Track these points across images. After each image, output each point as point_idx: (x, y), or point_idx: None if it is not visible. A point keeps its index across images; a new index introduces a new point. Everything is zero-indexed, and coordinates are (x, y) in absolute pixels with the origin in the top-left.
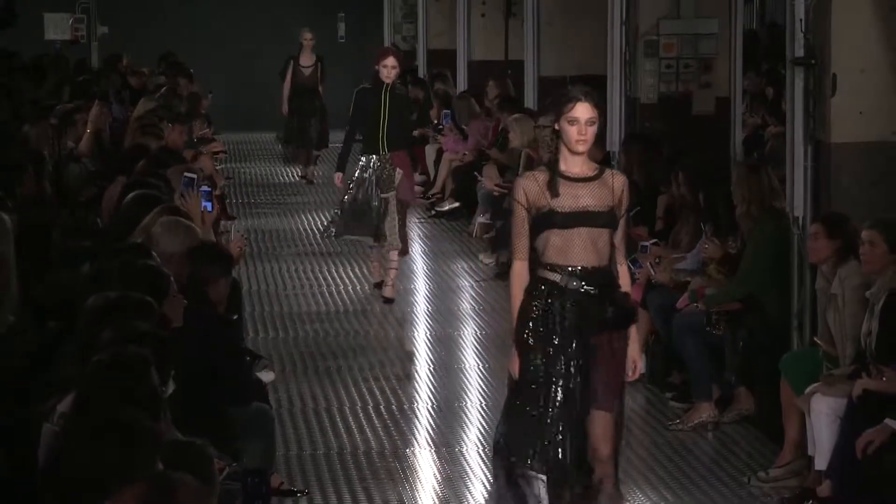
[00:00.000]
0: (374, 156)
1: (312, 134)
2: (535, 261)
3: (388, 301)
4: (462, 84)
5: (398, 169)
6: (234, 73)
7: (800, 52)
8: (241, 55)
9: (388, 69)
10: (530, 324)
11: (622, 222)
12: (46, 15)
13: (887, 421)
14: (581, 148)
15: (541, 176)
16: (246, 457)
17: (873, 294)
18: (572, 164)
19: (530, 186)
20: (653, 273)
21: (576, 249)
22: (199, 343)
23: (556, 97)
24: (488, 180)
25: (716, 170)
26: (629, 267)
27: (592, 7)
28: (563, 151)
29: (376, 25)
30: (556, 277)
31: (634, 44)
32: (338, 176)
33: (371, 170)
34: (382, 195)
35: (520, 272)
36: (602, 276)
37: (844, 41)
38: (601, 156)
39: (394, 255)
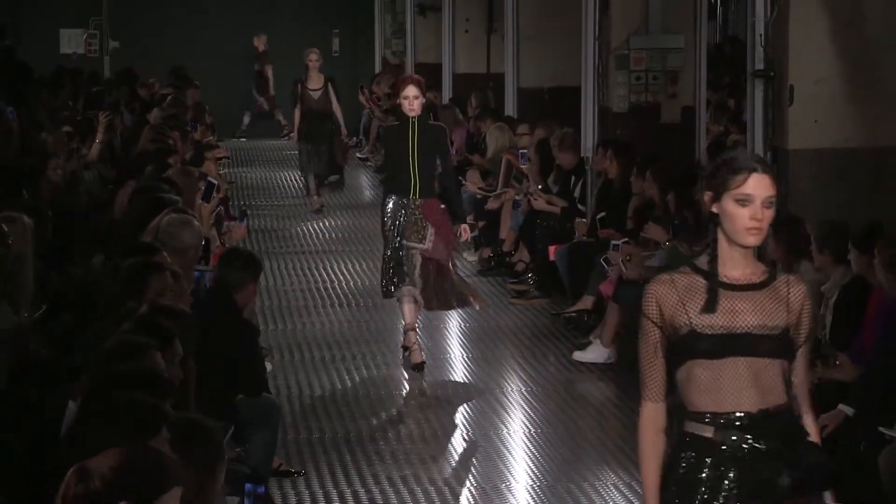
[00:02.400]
0: (405, 198)
1: (323, 161)
2: (677, 404)
3: (417, 368)
4: (447, 95)
5: (430, 223)
6: (236, 83)
7: (759, 65)
8: (242, 68)
9: (410, 100)
10: (676, 501)
11: (803, 353)
12: (62, 30)
13: (841, 406)
14: (752, 240)
15: (682, 280)
16: (252, 444)
17: (827, 289)
18: (732, 265)
19: (666, 296)
20: (624, 270)
21: (731, 388)
22: (221, 342)
23: (715, 166)
24: (471, 184)
25: (681, 174)
26: (810, 412)
27: (567, 23)
28: (721, 243)
29: (368, 41)
30: (707, 432)
31: (606, 57)
32: (382, 230)
33: (397, 213)
34: (407, 243)
35: (652, 419)
36: (776, 423)
37: (801, 55)
38: (576, 160)
39: (409, 307)
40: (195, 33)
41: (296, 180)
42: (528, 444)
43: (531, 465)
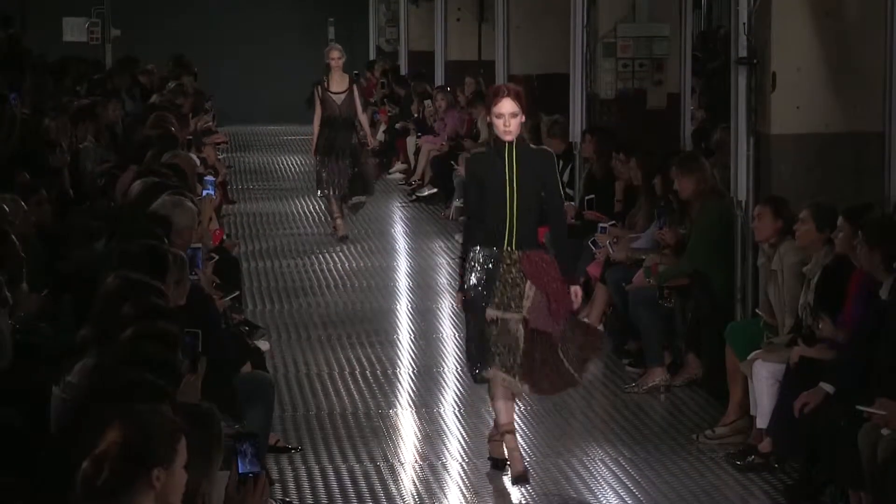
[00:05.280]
0: (497, 250)
1: (346, 178)
2: None
3: (521, 480)
4: (440, 82)
5: (531, 280)
6: (234, 71)
7: (743, 53)
8: (240, 55)
9: (506, 119)
10: None
11: None
12: (65, 19)
13: (821, 384)
14: None
15: None
16: (247, 420)
17: (809, 270)
18: None
19: None
20: (611, 252)
21: None
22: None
23: None
24: (463, 168)
25: (665, 159)
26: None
27: (556, 12)
28: None
29: (362, 29)
30: None
31: (594, 45)
32: (459, 297)
33: (487, 272)
34: (502, 315)
35: None
36: None
37: (783, 43)
38: (564, 146)
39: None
40: (195, 21)
41: (292, 164)
42: (519, 421)
43: (521, 441)
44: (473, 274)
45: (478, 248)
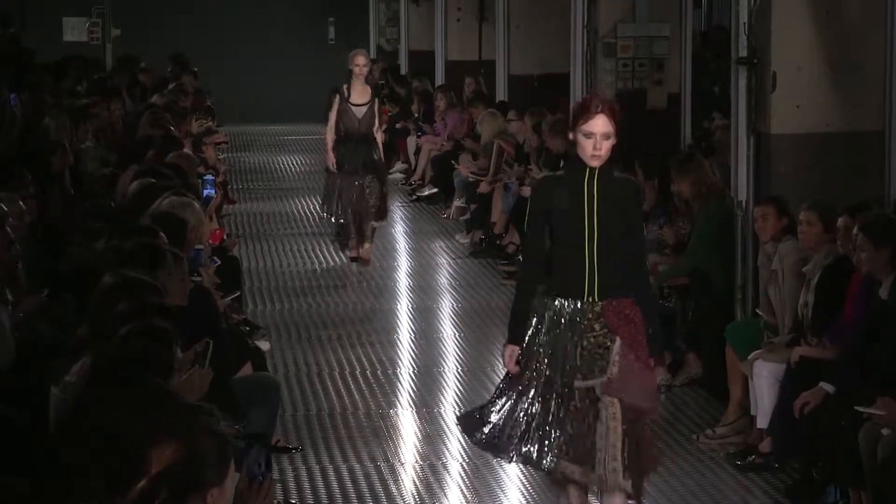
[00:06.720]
0: (574, 302)
1: (375, 199)
2: None
3: None
4: (440, 81)
5: (618, 338)
6: (234, 71)
7: (743, 52)
8: (241, 55)
9: (597, 140)
10: None
11: None
12: (65, 18)
13: (822, 384)
14: None
15: None
16: (252, 421)
17: (810, 270)
18: None
19: None
20: None
21: None
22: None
23: None
24: (464, 168)
25: (666, 158)
26: None
27: (557, 12)
28: None
29: (363, 28)
30: None
31: (594, 45)
32: (511, 352)
33: (559, 330)
34: (582, 383)
35: None
36: None
37: (783, 42)
38: (566, 146)
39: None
40: (195, 21)
41: (292, 164)
42: None
43: None
44: (543, 331)
45: (551, 299)
